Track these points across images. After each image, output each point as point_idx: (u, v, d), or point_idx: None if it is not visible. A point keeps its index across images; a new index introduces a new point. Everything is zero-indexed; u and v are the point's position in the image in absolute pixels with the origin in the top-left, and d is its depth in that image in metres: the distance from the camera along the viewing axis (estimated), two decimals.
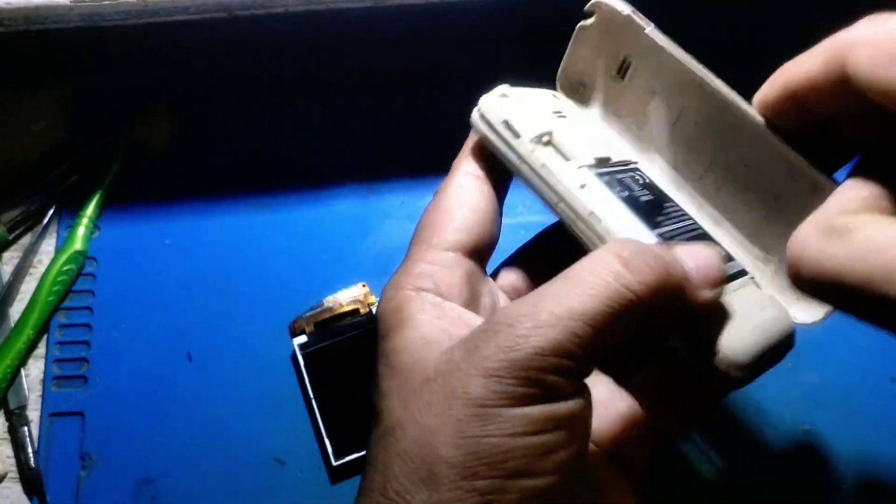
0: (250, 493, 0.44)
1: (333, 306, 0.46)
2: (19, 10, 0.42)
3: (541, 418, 0.23)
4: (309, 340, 0.46)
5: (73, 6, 0.41)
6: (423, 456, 0.23)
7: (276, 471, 0.45)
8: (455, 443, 0.23)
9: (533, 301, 0.24)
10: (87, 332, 0.48)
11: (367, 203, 0.50)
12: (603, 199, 0.29)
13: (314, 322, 0.46)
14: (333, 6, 0.43)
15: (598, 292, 0.24)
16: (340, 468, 0.43)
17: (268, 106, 0.53)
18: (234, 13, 0.43)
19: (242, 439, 0.45)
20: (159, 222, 0.50)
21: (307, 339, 0.46)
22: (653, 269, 0.25)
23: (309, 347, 0.45)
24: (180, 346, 0.47)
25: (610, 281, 0.24)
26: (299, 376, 0.46)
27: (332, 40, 0.51)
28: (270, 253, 0.49)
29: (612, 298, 0.24)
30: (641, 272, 0.24)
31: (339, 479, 0.44)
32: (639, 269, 0.24)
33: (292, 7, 0.42)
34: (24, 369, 0.48)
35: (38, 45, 0.50)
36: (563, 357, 0.23)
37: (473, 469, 0.23)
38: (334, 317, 0.46)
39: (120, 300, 0.49)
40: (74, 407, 0.47)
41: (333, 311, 0.46)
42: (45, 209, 0.51)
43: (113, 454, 0.46)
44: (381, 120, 0.52)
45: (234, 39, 0.50)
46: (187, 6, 0.42)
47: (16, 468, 0.46)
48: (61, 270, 0.48)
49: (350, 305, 0.46)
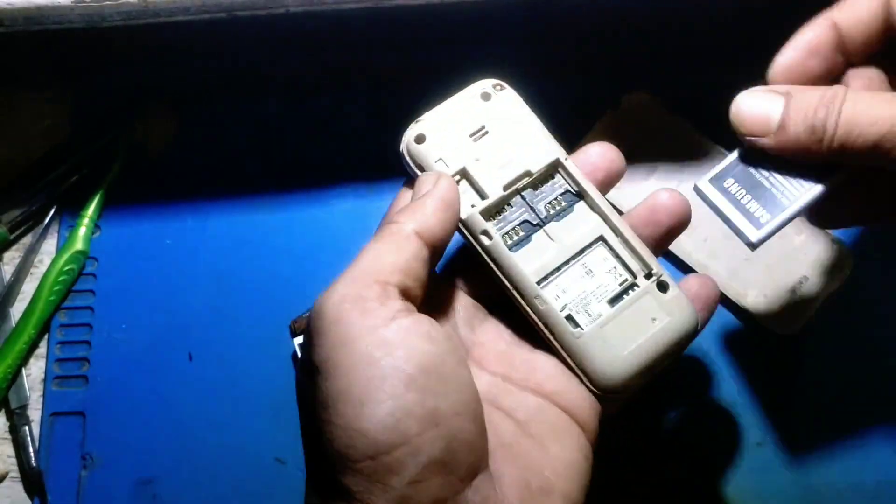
0: (250, 493, 0.44)
1: None
2: (20, 10, 0.42)
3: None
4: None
5: (74, 6, 0.42)
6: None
7: (277, 471, 0.45)
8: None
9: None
10: (88, 332, 0.48)
11: (367, 203, 0.51)
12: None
13: None
14: (334, 6, 0.43)
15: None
16: None
17: (268, 106, 0.53)
18: (234, 13, 0.43)
19: (243, 439, 0.45)
20: (160, 222, 0.50)
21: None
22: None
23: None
24: (181, 345, 0.47)
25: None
26: None
27: (332, 41, 0.51)
28: (270, 253, 0.49)
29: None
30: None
31: None
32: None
33: (293, 7, 0.42)
34: (26, 369, 0.48)
35: (39, 46, 0.51)
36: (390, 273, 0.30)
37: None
38: None
39: (121, 300, 0.49)
40: (75, 406, 0.47)
41: None
42: (46, 209, 0.51)
43: (114, 453, 0.46)
44: (381, 120, 0.52)
45: (235, 40, 0.50)
46: (188, 7, 0.42)
47: (17, 467, 0.46)
48: (62, 270, 0.48)
49: None
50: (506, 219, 0.34)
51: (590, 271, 0.33)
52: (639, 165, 0.48)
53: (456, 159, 0.34)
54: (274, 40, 0.51)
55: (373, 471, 0.26)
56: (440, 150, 0.34)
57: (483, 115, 0.35)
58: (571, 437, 0.31)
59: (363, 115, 0.52)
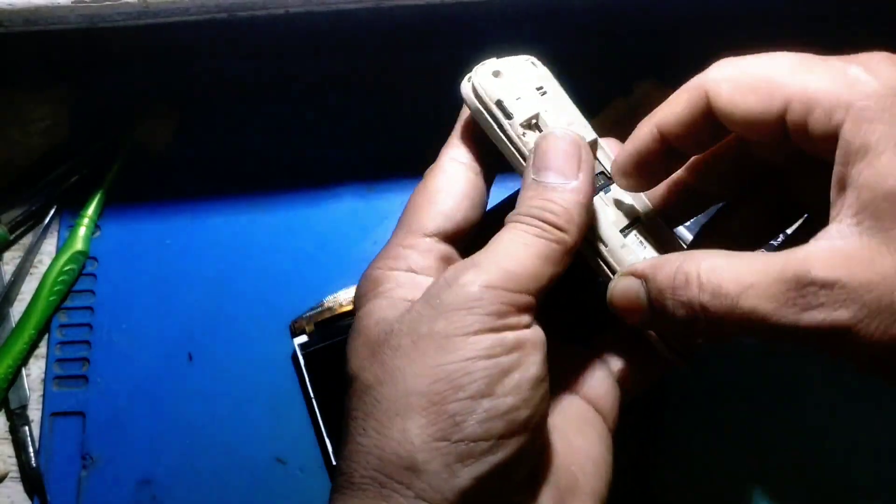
0: (250, 493, 0.44)
1: (333, 306, 0.46)
2: (20, 10, 0.42)
3: (493, 344, 0.27)
4: (310, 340, 0.46)
5: (73, 7, 0.42)
6: (396, 392, 0.26)
7: (277, 471, 0.45)
8: (423, 373, 0.26)
9: (477, 255, 0.29)
10: (88, 332, 0.48)
11: (367, 203, 0.51)
12: None
13: (314, 322, 0.46)
14: (334, 7, 0.43)
15: (529, 242, 0.29)
16: None
17: (268, 106, 0.53)
18: (234, 14, 0.43)
19: (243, 439, 0.45)
20: (160, 222, 0.50)
21: (308, 338, 0.46)
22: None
23: (309, 347, 0.45)
24: (181, 345, 0.47)
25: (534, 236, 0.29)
26: (300, 376, 0.46)
27: (332, 41, 0.51)
28: (270, 253, 0.49)
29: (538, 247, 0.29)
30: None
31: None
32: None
33: (292, 8, 0.42)
34: (26, 369, 0.48)
35: (39, 46, 0.50)
36: (508, 291, 0.27)
37: (441, 394, 0.26)
38: (334, 316, 0.46)
39: (121, 300, 0.49)
40: (75, 406, 0.47)
41: (333, 310, 0.46)
42: (46, 209, 0.51)
43: (114, 454, 0.46)
44: (381, 120, 0.52)
45: (235, 40, 0.50)
46: (187, 7, 0.42)
47: (17, 468, 0.46)
48: (62, 270, 0.48)
49: (350, 305, 0.46)
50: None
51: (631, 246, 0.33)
52: None
53: (531, 105, 0.33)
54: (274, 41, 0.51)
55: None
56: (516, 90, 0.33)
57: (537, 78, 0.34)
58: (595, 428, 0.31)
59: (363, 116, 0.52)
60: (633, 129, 0.32)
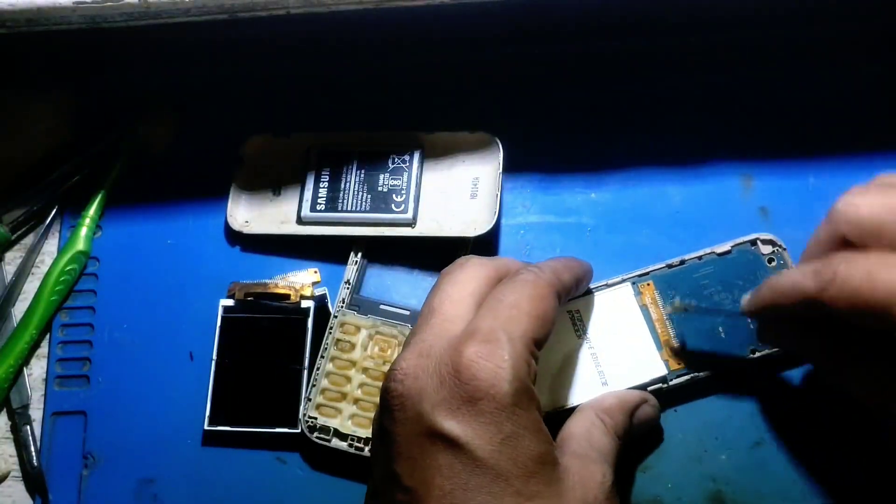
0: (250, 493, 0.44)
1: (270, 283, 0.47)
2: (21, 11, 0.42)
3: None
4: (234, 306, 0.46)
5: (75, 8, 0.42)
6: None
7: (277, 471, 0.45)
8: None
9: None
10: (90, 332, 0.48)
11: None
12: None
13: (245, 292, 0.46)
14: (335, 8, 0.43)
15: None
16: (211, 434, 0.45)
17: (269, 107, 0.53)
18: (235, 15, 0.43)
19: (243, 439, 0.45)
20: (161, 222, 0.50)
21: (234, 304, 0.46)
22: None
23: (230, 313, 0.46)
24: (182, 345, 0.47)
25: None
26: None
27: (333, 42, 0.51)
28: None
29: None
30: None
31: (209, 443, 0.45)
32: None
33: (294, 9, 0.43)
34: (27, 368, 0.48)
35: (41, 47, 0.51)
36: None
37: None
38: (266, 294, 0.46)
39: (122, 300, 0.49)
40: (77, 406, 0.47)
41: (267, 287, 0.46)
42: (47, 209, 0.51)
43: (115, 453, 0.46)
44: (381, 120, 0.52)
45: (236, 41, 0.50)
46: (189, 8, 0.42)
47: (18, 467, 0.46)
48: (64, 270, 0.48)
49: (284, 289, 0.46)
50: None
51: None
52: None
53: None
54: (275, 42, 0.51)
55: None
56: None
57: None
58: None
59: (363, 116, 0.52)
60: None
